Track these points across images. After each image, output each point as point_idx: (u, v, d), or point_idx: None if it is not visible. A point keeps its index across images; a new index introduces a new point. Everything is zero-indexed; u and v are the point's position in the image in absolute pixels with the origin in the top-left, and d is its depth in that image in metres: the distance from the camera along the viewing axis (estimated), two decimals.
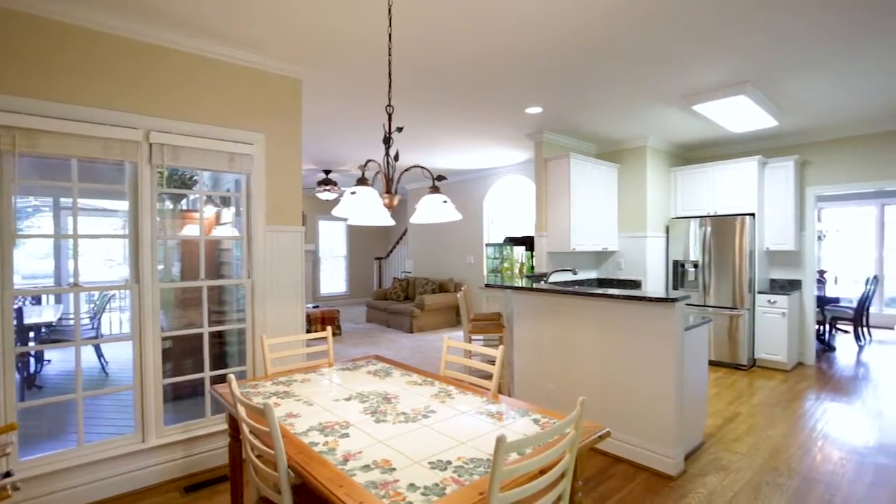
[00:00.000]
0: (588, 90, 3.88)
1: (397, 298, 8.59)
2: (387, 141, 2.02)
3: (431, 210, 1.94)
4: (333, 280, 11.13)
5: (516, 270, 5.77)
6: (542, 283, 4.50)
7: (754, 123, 4.66)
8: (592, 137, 5.53)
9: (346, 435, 1.67)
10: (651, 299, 2.78)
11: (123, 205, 2.71)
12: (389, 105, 2.09)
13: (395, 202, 2.00)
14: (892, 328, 7.95)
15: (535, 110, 4.43)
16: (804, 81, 3.70)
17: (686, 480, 2.82)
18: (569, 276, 5.30)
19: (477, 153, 6.47)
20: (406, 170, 2.25)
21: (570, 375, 3.39)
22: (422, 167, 2.13)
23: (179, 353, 3.45)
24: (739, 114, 4.30)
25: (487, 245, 5.52)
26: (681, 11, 2.59)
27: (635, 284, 5.57)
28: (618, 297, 2.95)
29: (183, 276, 3.78)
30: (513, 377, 3.83)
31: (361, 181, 1.85)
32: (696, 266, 5.55)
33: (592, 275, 5.95)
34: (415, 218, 2.04)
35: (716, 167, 5.56)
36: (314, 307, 7.47)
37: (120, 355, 5.14)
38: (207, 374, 3.00)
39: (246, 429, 1.63)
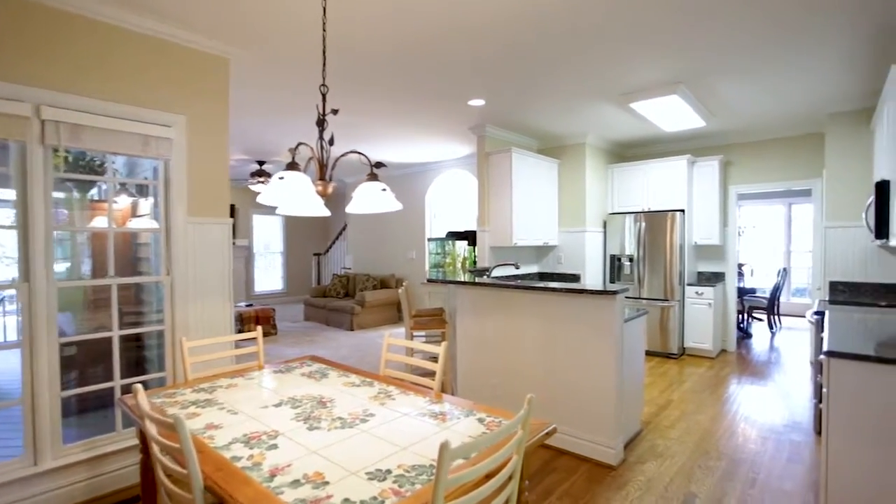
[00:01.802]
0: (530, 84, 3.86)
1: (337, 295, 8.31)
2: (321, 123, 1.86)
3: (369, 199, 1.80)
4: (269, 277, 10.61)
5: (459, 265, 5.72)
6: (485, 277, 4.46)
7: (685, 123, 4.87)
8: (534, 133, 5.57)
9: (275, 446, 1.50)
10: (592, 292, 2.80)
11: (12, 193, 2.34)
12: (324, 84, 1.92)
13: (330, 190, 1.84)
14: (804, 316, 8.70)
15: (478, 103, 4.37)
16: (731, 85, 3.89)
17: (626, 469, 2.87)
18: (511, 271, 5.31)
19: (420, 146, 6.34)
20: (342, 155, 2.09)
21: (514, 370, 3.37)
22: (359, 153, 1.98)
23: (87, 361, 3.07)
24: (672, 113, 4.47)
25: (430, 240, 5.44)
26: (623, 10, 2.60)
27: (574, 278, 5.69)
28: (559, 290, 2.95)
29: (94, 274, 3.38)
30: (456, 374, 3.76)
31: (291, 166, 1.68)
32: (631, 260, 5.76)
33: (534, 269, 6.01)
34: (352, 207, 1.89)
35: (649, 165, 5.78)
36: (247, 306, 7.05)
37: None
38: (118, 382, 2.68)
39: (156, 448, 1.42)
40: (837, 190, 4.47)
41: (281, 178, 1.62)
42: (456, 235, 6.07)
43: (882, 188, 3.10)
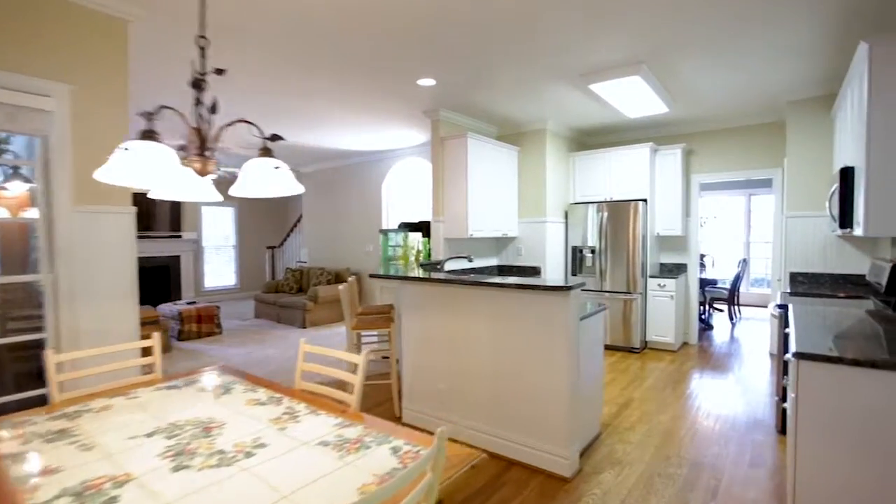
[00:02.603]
0: (482, 62, 3.55)
1: (290, 291, 7.86)
2: (197, 84, 1.49)
3: (259, 178, 1.45)
4: (221, 272, 10.02)
5: (412, 258, 5.41)
6: (439, 271, 4.16)
7: (648, 109, 4.66)
8: (493, 118, 5.27)
9: (115, 499, 1.15)
10: (544, 288, 2.52)
11: None
12: (202, 37, 1.55)
13: (211, 168, 1.48)
14: (764, 306, 8.77)
15: (428, 83, 4.03)
16: (694, 68, 3.69)
17: (581, 481, 2.63)
18: (465, 264, 5.02)
19: (374, 132, 5.96)
20: (228, 125, 1.72)
21: (462, 373, 3.08)
22: (249, 122, 1.62)
23: None
24: (634, 97, 4.24)
25: (382, 232, 5.10)
26: None
27: (535, 271, 5.45)
28: (510, 285, 2.66)
29: None
30: (402, 376, 3.44)
31: (147, 135, 1.31)
32: (593, 252, 5.56)
33: (493, 262, 5.75)
34: (236, 188, 1.54)
35: (612, 153, 5.58)
36: (189, 304, 6.53)
37: None
38: None
39: None
40: (798, 179, 4.35)
41: (126, 149, 1.25)
42: (410, 227, 5.74)
43: (846, 175, 2.94)
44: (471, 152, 4.76)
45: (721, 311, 8.11)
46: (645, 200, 5.36)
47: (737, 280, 7.24)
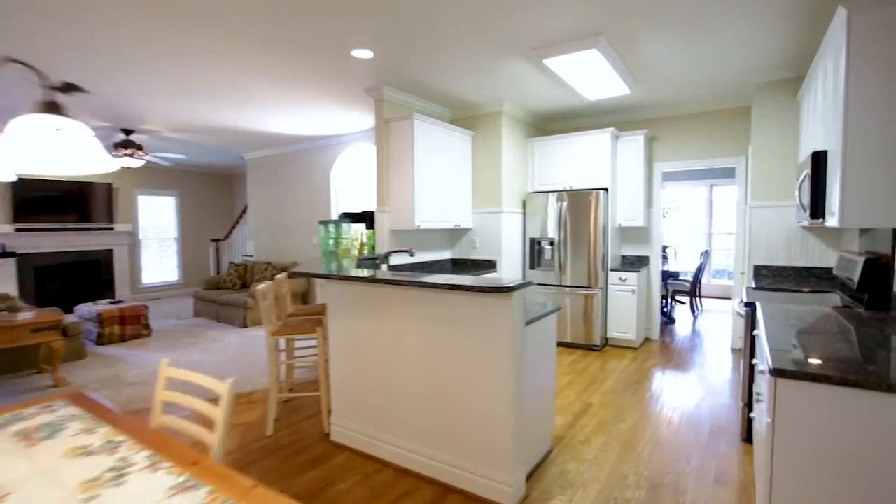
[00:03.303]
0: (423, 30, 3.11)
1: (233, 287, 7.26)
2: None
3: (30, 143, 0.98)
4: (162, 267, 9.28)
5: (355, 252, 4.97)
6: (377, 267, 3.72)
7: (608, 90, 4.33)
8: (444, 99, 4.84)
9: None
10: (481, 289, 2.13)
11: None
12: None
13: None
14: (727, 298, 8.71)
15: (364, 54, 3.56)
16: (655, 45, 3.36)
17: None
18: (406, 259, 4.61)
19: (315, 114, 5.43)
20: None
21: (395, 385, 2.67)
22: (20, 62, 1.14)
23: None
24: (593, 75, 3.89)
25: (321, 223, 4.62)
26: None
27: (490, 265, 5.08)
28: (442, 286, 2.26)
29: None
30: (331, 389, 3.01)
31: None
32: (552, 244, 5.23)
33: (446, 255, 5.35)
34: None
35: (572, 138, 5.25)
36: (112, 303, 5.88)
37: None
38: None
39: None
40: (762, 167, 4.12)
41: None
42: (353, 217, 5.26)
43: (818, 160, 2.66)
44: (418, 135, 4.32)
45: (683, 303, 7.98)
46: (606, 190, 5.06)
47: (699, 272, 7.09)
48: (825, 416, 1.44)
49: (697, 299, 7.31)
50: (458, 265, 5.32)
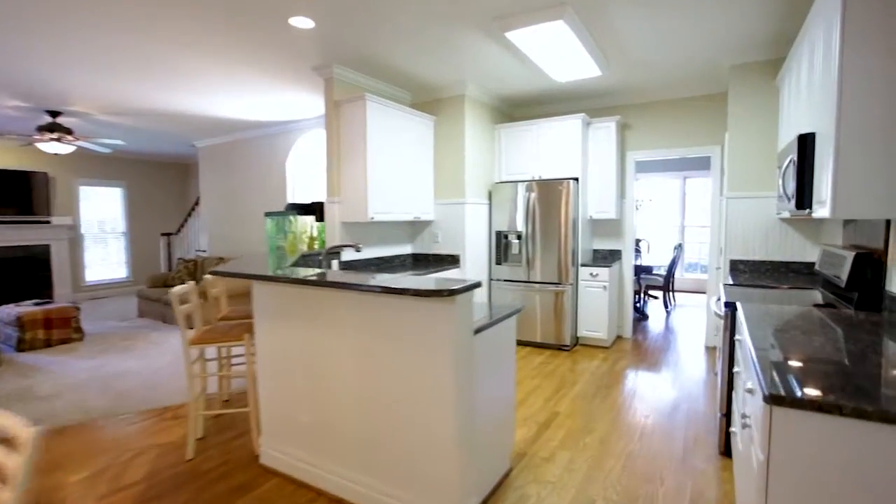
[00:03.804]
0: None
1: (181, 284, 6.72)
2: None
3: None
4: (109, 263, 8.63)
5: (304, 247, 4.55)
6: (334, 264, 3.33)
7: (578, 70, 4.00)
8: (403, 81, 4.44)
9: None
10: (418, 293, 1.76)
11: None
12: None
13: None
14: (699, 292, 8.58)
15: (304, 23, 3.14)
16: (627, 20, 3.04)
17: None
18: (366, 254, 4.22)
19: (263, 96, 4.96)
20: None
21: (329, 403, 2.30)
22: None
23: None
24: (561, 54, 3.56)
25: (267, 216, 4.21)
26: None
27: (453, 260, 4.73)
28: (376, 288, 1.88)
29: None
30: (260, 406, 2.61)
31: None
32: (519, 237, 4.91)
33: (406, 249, 4.97)
34: None
35: (540, 125, 4.92)
36: (37, 304, 5.31)
37: None
38: None
39: None
40: (740, 155, 3.86)
41: None
42: (300, 209, 4.83)
43: (805, 144, 2.38)
44: (371, 118, 3.92)
45: (656, 298, 7.81)
46: (577, 180, 4.76)
47: (672, 266, 6.90)
48: (837, 454, 1.13)
49: (671, 294, 7.12)
50: (420, 261, 4.95)
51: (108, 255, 8.62)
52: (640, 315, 6.45)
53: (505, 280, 5.00)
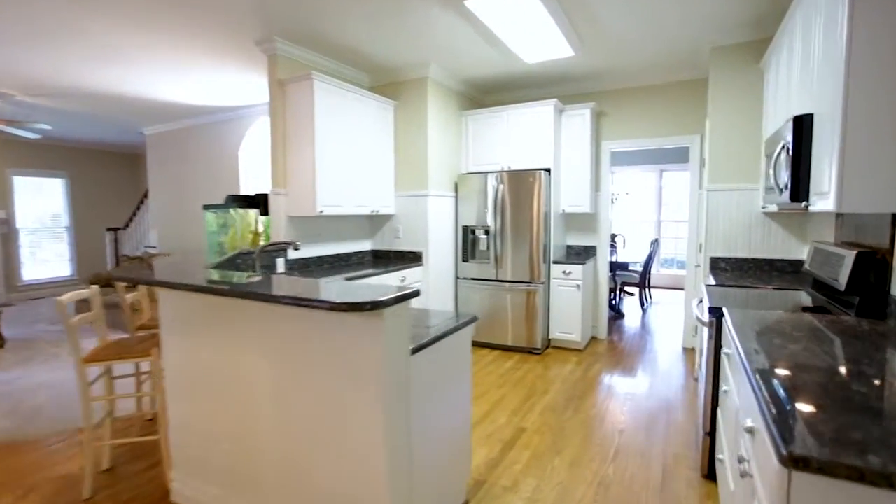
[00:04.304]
0: None
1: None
2: None
3: None
4: (50, 260, 7.97)
5: (246, 243, 4.12)
6: (279, 263, 2.91)
7: (549, 50, 3.66)
8: (360, 61, 4.03)
9: None
10: (335, 306, 1.37)
11: None
12: None
13: None
14: (675, 288, 8.40)
15: None
16: None
17: None
18: (318, 250, 3.80)
19: (208, 76, 4.47)
20: None
21: (246, 433, 1.90)
22: None
23: None
24: (530, 29, 3.20)
25: (205, 209, 3.77)
26: None
27: (415, 258, 4.35)
28: (286, 300, 1.49)
29: None
30: (170, 435, 2.20)
31: None
32: (487, 233, 4.56)
33: (366, 245, 4.57)
34: None
35: (510, 111, 4.56)
36: None
37: None
38: None
39: None
40: (721, 144, 3.58)
41: None
42: (243, 201, 4.37)
43: (801, 127, 2.08)
44: (320, 100, 3.50)
45: (632, 295, 7.59)
46: (549, 171, 4.43)
47: (649, 262, 6.67)
48: None
49: (647, 291, 6.90)
50: (381, 258, 4.56)
51: (49, 251, 7.96)
52: (616, 313, 6.20)
53: (472, 279, 4.65)
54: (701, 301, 2.75)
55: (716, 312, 2.21)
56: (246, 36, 3.51)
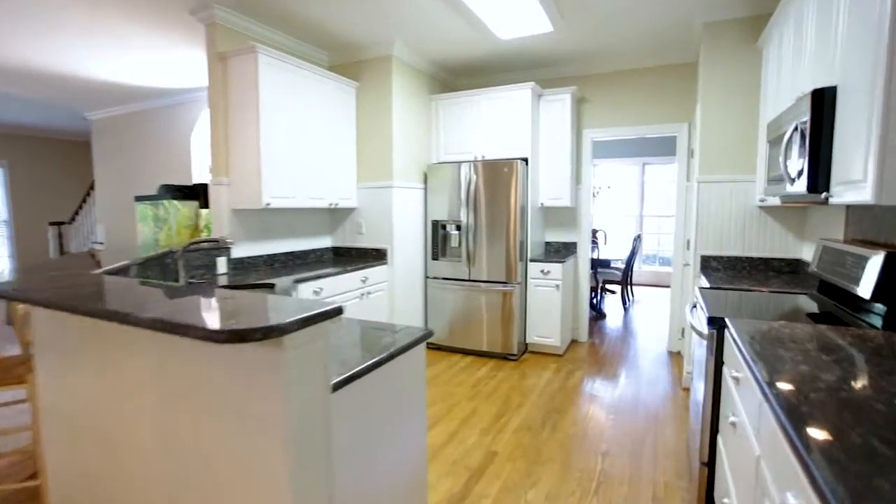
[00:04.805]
0: None
1: None
2: None
3: None
4: None
5: (184, 240, 3.66)
6: (219, 262, 2.47)
7: (526, 24, 3.29)
8: (316, 36, 3.59)
9: None
10: (211, 334, 0.97)
11: None
12: None
13: None
14: (658, 286, 8.17)
15: None
16: None
17: None
18: (269, 249, 3.37)
19: (147, 53, 3.96)
20: None
21: (127, 481, 1.49)
22: None
23: None
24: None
25: (137, 200, 3.32)
26: None
27: (379, 255, 3.95)
28: (160, 324, 1.07)
29: None
30: (50, 478, 1.77)
31: None
32: (459, 228, 4.18)
33: (326, 243, 4.15)
34: None
35: (484, 95, 4.18)
36: None
37: None
38: None
39: None
40: (714, 131, 3.26)
41: None
42: (179, 192, 3.87)
43: (823, 101, 1.74)
44: (265, 76, 3.06)
45: (614, 293, 7.32)
46: (526, 161, 4.07)
47: (631, 259, 6.38)
48: None
49: (629, 288, 6.62)
50: (342, 255, 4.14)
51: None
52: (597, 313, 5.89)
53: (443, 278, 4.27)
54: (694, 306, 2.42)
55: (716, 323, 1.87)
56: (180, 3, 3.04)
